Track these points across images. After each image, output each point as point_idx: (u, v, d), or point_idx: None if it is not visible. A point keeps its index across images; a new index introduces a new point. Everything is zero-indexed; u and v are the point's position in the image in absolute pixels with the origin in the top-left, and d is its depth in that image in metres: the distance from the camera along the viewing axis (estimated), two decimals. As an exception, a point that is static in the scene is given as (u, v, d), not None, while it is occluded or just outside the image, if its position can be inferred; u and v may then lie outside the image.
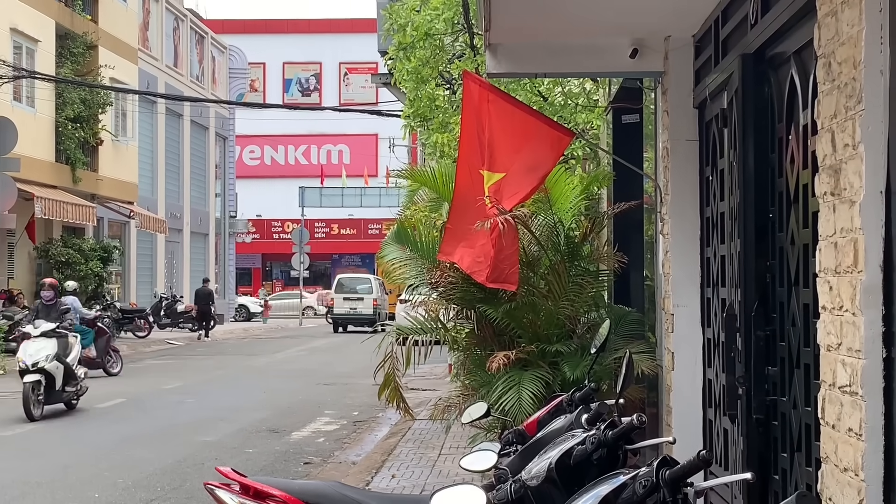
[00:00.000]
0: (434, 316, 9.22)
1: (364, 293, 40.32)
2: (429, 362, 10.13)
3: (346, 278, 42.36)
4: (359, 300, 39.96)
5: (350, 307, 39.69)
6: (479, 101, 7.89)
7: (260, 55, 60.98)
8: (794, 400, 5.18)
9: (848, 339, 3.80)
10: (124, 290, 37.03)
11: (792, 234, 5.19)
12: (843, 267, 3.84)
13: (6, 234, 27.50)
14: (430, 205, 11.18)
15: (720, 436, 6.82)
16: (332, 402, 17.64)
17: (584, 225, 8.94)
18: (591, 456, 3.80)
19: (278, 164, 65.56)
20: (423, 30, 14.78)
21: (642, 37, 7.73)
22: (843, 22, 3.89)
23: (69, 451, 12.58)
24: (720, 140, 6.78)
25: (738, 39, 6.19)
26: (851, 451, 3.74)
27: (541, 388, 7.78)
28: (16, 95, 28.41)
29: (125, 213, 34.61)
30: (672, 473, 3.10)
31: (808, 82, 4.80)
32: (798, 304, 5.07)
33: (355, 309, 39.62)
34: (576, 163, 13.32)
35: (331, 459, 12.15)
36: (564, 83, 13.16)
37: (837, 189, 3.92)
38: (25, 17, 28.70)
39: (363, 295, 40.27)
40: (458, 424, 9.06)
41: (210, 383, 20.86)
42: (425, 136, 16.78)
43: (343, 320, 39.75)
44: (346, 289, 40.38)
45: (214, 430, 14.30)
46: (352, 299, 39.95)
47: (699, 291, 7.47)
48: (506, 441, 4.70)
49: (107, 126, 32.90)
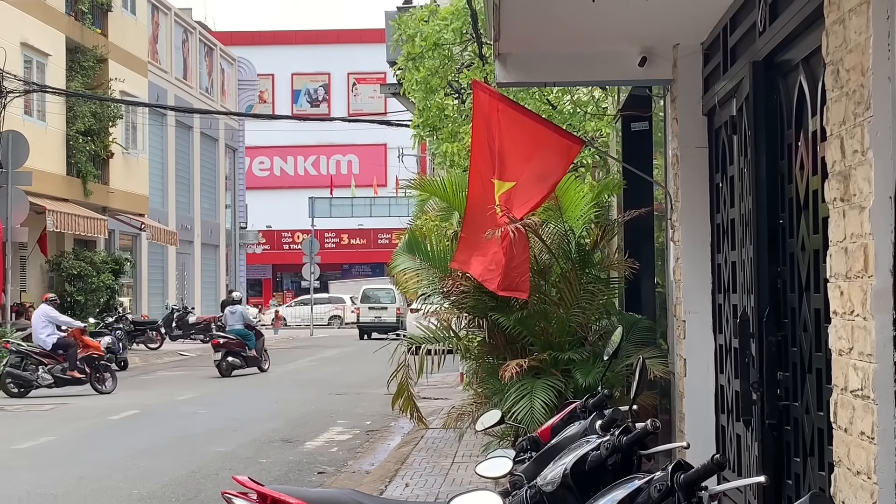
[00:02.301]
0: (446, 325, 9.26)
1: (388, 303, 42.24)
2: (440, 371, 10.17)
3: (370, 289, 44.26)
4: (383, 309, 42.32)
5: (375, 316, 42.18)
6: (489, 111, 7.94)
7: (269, 66, 61.16)
8: (806, 405, 5.21)
9: (859, 343, 3.83)
10: (136, 302, 37.15)
11: (802, 240, 5.22)
12: (854, 272, 3.87)
13: (18, 247, 27.63)
14: (441, 214, 11.24)
15: (733, 441, 6.84)
16: (345, 411, 17.66)
17: (595, 233, 8.98)
18: (606, 461, 3.83)
19: (288, 174, 65.70)
20: (431, 40, 14.84)
21: (651, 45, 7.77)
22: (850, 29, 3.93)
23: (84, 463, 12.63)
24: (730, 147, 6.82)
25: (746, 47, 6.23)
26: (864, 454, 3.77)
27: (553, 396, 7.80)
28: (27, 109, 28.56)
29: (136, 225, 34.74)
30: (686, 477, 3.13)
31: (816, 89, 4.83)
32: (809, 310, 5.10)
33: (380, 318, 42.00)
34: (586, 171, 13.35)
35: (344, 469, 12.18)
36: (573, 91, 13.21)
37: (847, 195, 3.95)
38: (36, 31, 28.86)
39: (387, 304, 42.60)
40: (471, 433, 9.10)
41: (222, 394, 20.91)
42: (435, 145, 16.83)
43: (368, 328, 42.01)
44: (371, 299, 42.83)
45: (228, 440, 14.34)
46: (376, 308, 42.37)
47: (710, 298, 7.50)
48: (520, 448, 4.73)
49: (117, 139, 33.03)
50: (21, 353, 20.10)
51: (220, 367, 24.36)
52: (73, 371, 20.20)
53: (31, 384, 19.92)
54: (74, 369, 20.22)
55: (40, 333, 20.44)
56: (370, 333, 41.33)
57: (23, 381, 19.93)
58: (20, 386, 19.89)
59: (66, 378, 20.13)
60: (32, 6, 28.62)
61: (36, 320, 20.91)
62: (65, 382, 20.14)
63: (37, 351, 20.20)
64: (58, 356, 20.21)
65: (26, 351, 20.18)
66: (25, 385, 19.93)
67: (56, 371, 20.16)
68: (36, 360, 20.10)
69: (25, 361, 20.06)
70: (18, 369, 19.97)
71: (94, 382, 20.40)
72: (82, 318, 29.66)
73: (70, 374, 20.17)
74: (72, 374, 20.17)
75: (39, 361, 20.11)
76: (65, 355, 20.23)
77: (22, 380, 19.94)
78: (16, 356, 20.00)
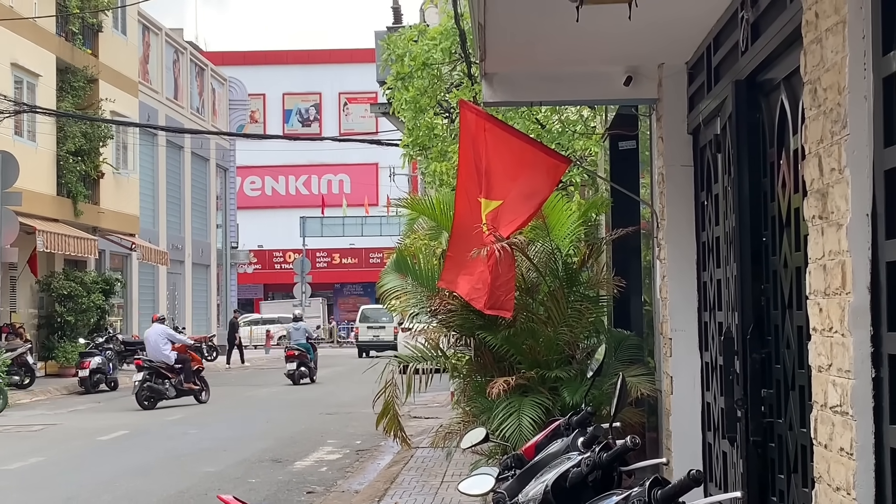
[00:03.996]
0: (434, 344, 9.27)
1: (386, 322, 43.23)
2: (431, 390, 10.17)
3: (369, 309, 45.47)
4: (381, 328, 43.58)
5: (373, 335, 43.51)
6: (476, 130, 7.98)
7: (260, 86, 61.25)
8: (790, 421, 5.23)
9: (838, 359, 3.85)
10: (126, 322, 37.07)
11: (785, 258, 5.26)
12: (832, 289, 3.90)
13: (8, 267, 27.57)
14: (430, 233, 11.27)
15: (719, 458, 6.86)
16: (335, 431, 17.65)
17: (583, 251, 9.01)
18: (587, 478, 3.85)
19: (279, 194, 65.72)
20: (420, 59, 14.90)
21: (636, 64, 7.83)
22: (827, 49, 3.97)
23: (72, 483, 12.60)
24: (714, 165, 6.86)
25: (729, 66, 6.28)
26: (843, 470, 3.79)
27: (541, 413, 7.82)
28: (17, 130, 28.55)
29: (127, 245, 34.70)
30: (663, 493, 3.16)
31: (797, 108, 4.87)
32: (792, 327, 5.14)
33: (378, 336, 43.29)
34: (574, 189, 13.41)
35: (334, 488, 12.16)
36: (562, 111, 13.27)
37: (825, 212, 3.99)
38: (26, 52, 28.88)
39: (385, 324, 43.60)
40: (460, 452, 9.10)
41: (212, 414, 20.87)
42: (424, 164, 16.87)
43: (367, 346, 43.42)
44: (369, 319, 44.25)
45: (217, 460, 14.32)
46: (374, 328, 43.72)
47: (696, 315, 7.52)
48: (504, 465, 4.75)
49: (108, 159, 33.02)
50: (152, 368, 21.94)
51: (293, 377, 28.05)
52: (190, 383, 22.51)
53: (162, 396, 21.93)
54: (190, 381, 22.55)
55: (163, 349, 22.25)
56: (368, 351, 42.70)
57: (156, 393, 21.82)
58: (150, 398, 21.71)
59: (184, 389, 22.37)
60: (23, 27, 28.65)
61: (154, 338, 22.60)
62: (183, 393, 22.35)
63: (163, 366, 22.08)
64: (176, 370, 22.29)
65: (156, 366, 21.99)
66: (157, 397, 21.87)
67: (176, 384, 22.28)
68: (163, 375, 22.10)
69: (153, 376, 21.95)
70: (151, 382, 21.82)
71: (197, 394, 22.75)
72: (72, 338, 29.68)
73: (187, 385, 22.44)
74: (188, 386, 22.47)
75: (165, 375, 22.14)
76: (181, 369, 22.36)
77: (155, 392, 21.83)
78: (147, 371, 21.83)
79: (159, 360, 22.10)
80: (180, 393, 22.24)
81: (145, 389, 21.62)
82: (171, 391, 22.14)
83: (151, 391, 21.77)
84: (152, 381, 21.86)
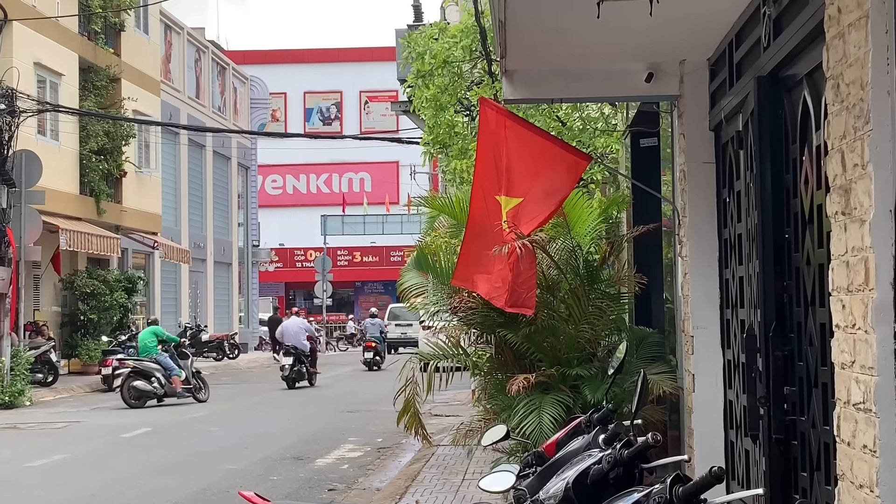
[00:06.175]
0: (455, 341, 9.27)
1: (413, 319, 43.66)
2: (451, 388, 10.17)
3: (397, 308, 45.96)
4: (408, 326, 43.98)
5: (401, 332, 44.49)
6: (496, 128, 7.96)
7: (281, 85, 61.37)
8: (812, 419, 5.20)
9: (861, 356, 3.83)
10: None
11: (807, 254, 5.23)
12: (855, 285, 3.88)
13: (32, 266, 27.72)
14: (450, 231, 11.26)
15: (742, 457, 6.83)
16: (356, 428, 17.67)
17: (604, 248, 8.99)
18: (608, 475, 3.83)
19: (300, 192, 65.85)
20: (441, 57, 14.89)
21: (657, 61, 7.79)
22: (850, 44, 3.94)
23: (95, 481, 12.66)
24: (736, 162, 6.82)
25: (751, 62, 6.24)
26: (866, 467, 3.77)
27: (561, 411, 7.81)
28: (40, 129, 28.69)
29: (149, 243, 34.83)
30: (685, 490, 3.14)
31: (819, 104, 4.84)
32: (815, 324, 5.10)
33: (405, 333, 44.08)
34: (595, 187, 13.37)
35: (355, 486, 12.18)
36: (583, 108, 13.23)
37: (848, 208, 3.96)
38: (49, 51, 29.03)
39: (412, 321, 43.54)
40: (481, 449, 9.10)
41: (235, 411, 20.93)
42: (445, 162, 16.87)
43: (395, 343, 44.32)
44: (398, 317, 45.19)
45: (239, 457, 14.36)
46: (402, 325, 44.44)
47: (718, 313, 7.49)
48: (525, 463, 4.74)
49: (130, 158, 33.16)
50: (296, 355, 26.36)
51: (369, 364, 33.58)
52: (315, 368, 27.13)
53: (303, 378, 26.43)
54: (315, 367, 27.21)
55: (302, 339, 26.76)
56: (397, 348, 43.72)
57: (298, 375, 26.28)
58: (292, 380, 26.07)
59: (313, 374, 26.92)
60: (46, 26, 28.80)
61: (295, 329, 27.10)
62: (313, 378, 26.83)
63: (303, 354, 26.59)
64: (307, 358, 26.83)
65: (298, 353, 26.44)
66: (299, 379, 26.27)
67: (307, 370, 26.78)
68: (301, 362, 26.53)
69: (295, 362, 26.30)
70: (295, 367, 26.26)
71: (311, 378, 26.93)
72: (95, 336, 29.85)
73: (313, 370, 26.96)
74: (314, 371, 27.06)
75: (302, 362, 26.59)
76: (311, 358, 26.95)
77: (298, 375, 26.29)
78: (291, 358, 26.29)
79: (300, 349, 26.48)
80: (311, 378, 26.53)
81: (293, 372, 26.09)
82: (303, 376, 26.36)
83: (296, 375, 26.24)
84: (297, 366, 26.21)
